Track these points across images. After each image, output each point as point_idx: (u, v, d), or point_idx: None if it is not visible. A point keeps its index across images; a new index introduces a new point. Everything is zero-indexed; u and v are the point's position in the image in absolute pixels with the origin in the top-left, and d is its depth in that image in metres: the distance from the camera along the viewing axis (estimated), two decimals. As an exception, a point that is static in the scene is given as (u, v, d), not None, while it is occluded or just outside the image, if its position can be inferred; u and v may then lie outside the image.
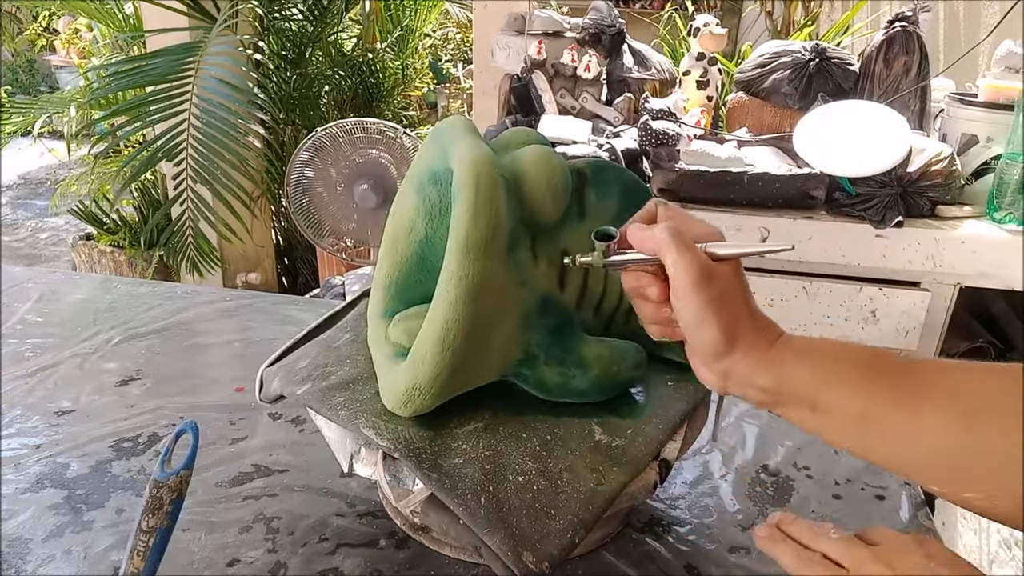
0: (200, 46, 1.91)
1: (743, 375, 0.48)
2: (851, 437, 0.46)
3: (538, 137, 0.64)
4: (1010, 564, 1.04)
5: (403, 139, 1.73)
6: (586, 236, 0.60)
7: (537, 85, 1.65)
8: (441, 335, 0.54)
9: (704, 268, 0.47)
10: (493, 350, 0.58)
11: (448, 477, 0.55)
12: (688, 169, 1.44)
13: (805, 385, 0.47)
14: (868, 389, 0.45)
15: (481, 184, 0.54)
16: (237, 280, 2.53)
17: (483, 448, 0.57)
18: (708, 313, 0.47)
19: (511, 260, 0.56)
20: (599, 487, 0.55)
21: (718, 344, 0.48)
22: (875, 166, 1.38)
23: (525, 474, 0.55)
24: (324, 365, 0.65)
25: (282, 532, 0.65)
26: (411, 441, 0.57)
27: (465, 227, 0.53)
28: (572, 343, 0.60)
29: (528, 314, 0.58)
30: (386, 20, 3.04)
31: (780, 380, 0.47)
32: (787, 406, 0.48)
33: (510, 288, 0.57)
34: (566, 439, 0.59)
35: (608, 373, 0.61)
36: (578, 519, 0.53)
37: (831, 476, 0.75)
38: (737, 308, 0.49)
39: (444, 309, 0.54)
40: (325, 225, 1.84)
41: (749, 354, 0.48)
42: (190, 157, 1.83)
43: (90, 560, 0.61)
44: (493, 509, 0.53)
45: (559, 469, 0.56)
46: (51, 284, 1.14)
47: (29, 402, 0.83)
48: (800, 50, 1.65)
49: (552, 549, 0.51)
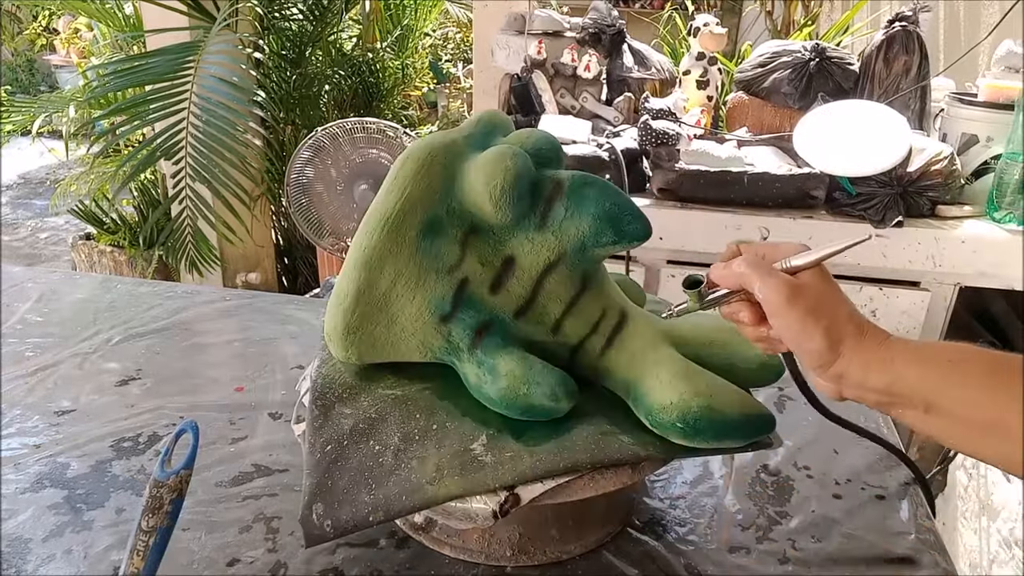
0: (200, 45, 1.91)
1: (855, 377, 0.50)
2: (972, 440, 0.47)
3: (538, 138, 0.63)
4: (1010, 564, 1.04)
5: (403, 139, 1.73)
6: (540, 247, 0.60)
7: (537, 85, 1.65)
8: (338, 295, 0.60)
9: (791, 285, 0.50)
10: (405, 327, 0.60)
11: (325, 419, 0.59)
12: (688, 169, 1.44)
13: (919, 387, 0.48)
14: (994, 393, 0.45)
15: (404, 167, 0.59)
16: (237, 280, 2.53)
17: (374, 412, 0.60)
18: (807, 324, 0.49)
19: (425, 245, 0.59)
20: (429, 486, 0.54)
21: (823, 351, 0.50)
22: (875, 166, 1.38)
23: (384, 446, 0.57)
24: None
25: (282, 532, 0.65)
26: (330, 383, 0.62)
27: (376, 203, 0.60)
28: (492, 349, 0.59)
29: (440, 302, 0.59)
30: (386, 20, 3.04)
31: (892, 380, 0.48)
32: (901, 407, 0.49)
33: (419, 272, 0.59)
34: (447, 434, 0.58)
35: (515, 391, 0.57)
36: (389, 503, 0.53)
37: (831, 476, 0.75)
38: (834, 312, 0.50)
39: (344, 272, 0.60)
40: (325, 225, 1.84)
41: (857, 355, 0.49)
42: (189, 156, 1.83)
43: (90, 560, 0.61)
44: (330, 460, 0.56)
45: (413, 456, 0.56)
46: (51, 284, 1.14)
47: (29, 402, 0.83)
48: (800, 50, 1.65)
49: (343, 515, 0.52)
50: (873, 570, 0.64)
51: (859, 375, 0.49)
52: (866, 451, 0.79)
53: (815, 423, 0.83)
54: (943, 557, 0.65)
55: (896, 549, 0.66)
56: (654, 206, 1.45)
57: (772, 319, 0.51)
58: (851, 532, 0.68)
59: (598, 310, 0.62)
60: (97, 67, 2.92)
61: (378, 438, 0.58)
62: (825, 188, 1.43)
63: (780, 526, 0.68)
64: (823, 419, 0.67)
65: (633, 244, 0.61)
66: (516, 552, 0.62)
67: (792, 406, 0.88)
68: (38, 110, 2.65)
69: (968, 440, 0.47)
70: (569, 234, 0.60)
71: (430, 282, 0.59)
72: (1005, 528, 1.06)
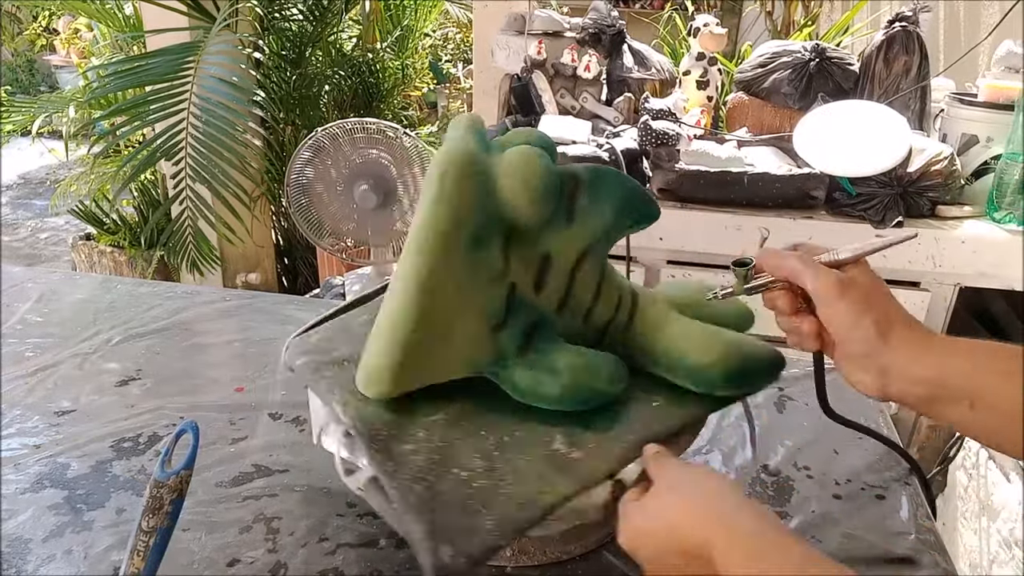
0: (200, 46, 1.91)
1: (902, 367, 0.51)
2: (1017, 436, 0.47)
3: (539, 138, 0.63)
4: (1010, 564, 1.04)
5: (403, 139, 1.73)
6: (571, 241, 0.61)
7: (537, 85, 1.65)
8: (391, 326, 0.56)
9: (841, 278, 0.53)
10: (457, 345, 0.58)
11: (393, 461, 0.55)
12: (688, 169, 1.44)
13: (969, 379, 0.49)
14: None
15: (446, 179, 0.55)
16: (237, 280, 2.53)
17: (438, 439, 0.57)
18: (857, 312, 0.52)
19: (476, 257, 0.56)
20: (541, 495, 0.53)
21: (872, 339, 0.51)
22: (875, 166, 1.38)
23: (470, 470, 0.55)
24: (330, 339, 0.67)
25: (282, 532, 0.65)
26: (371, 421, 0.57)
27: (424, 221, 0.55)
28: (546, 348, 0.59)
29: (494, 313, 0.58)
30: (386, 20, 3.04)
31: (941, 370, 0.50)
32: (946, 402, 0.50)
33: (474, 285, 0.57)
34: (523, 443, 0.57)
35: (578, 383, 0.59)
36: (509, 522, 0.51)
37: (831, 476, 0.75)
38: (884, 304, 0.53)
39: (396, 300, 0.56)
40: (325, 225, 1.84)
41: (906, 345, 0.51)
42: (189, 156, 1.83)
43: (90, 560, 0.61)
44: (427, 498, 0.52)
45: (506, 471, 0.55)
46: (51, 284, 1.14)
47: (29, 402, 0.83)
48: (800, 50, 1.65)
49: (473, 548, 0.50)
50: (873, 570, 0.64)
51: (905, 366, 0.51)
52: (866, 451, 0.79)
53: (815, 423, 0.83)
54: (943, 557, 0.65)
55: (896, 549, 0.66)
56: (654, 206, 1.45)
57: (824, 309, 0.53)
58: (851, 532, 0.68)
59: (616, 292, 0.64)
60: (97, 67, 2.92)
61: (459, 464, 0.55)
62: (825, 188, 1.43)
63: (780, 526, 0.68)
64: (823, 419, 0.68)
65: (646, 225, 0.64)
66: (516, 552, 0.62)
67: (792, 406, 0.88)
68: (38, 110, 2.65)
69: (1013, 436, 0.48)
70: (595, 224, 0.62)
71: (483, 292, 0.58)
72: (1005, 528, 1.06)
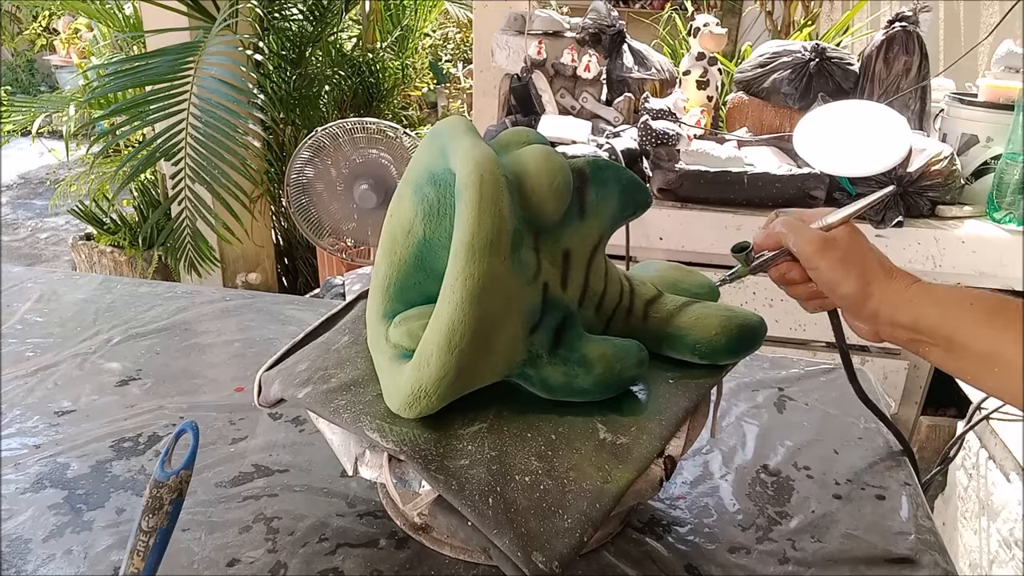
0: (199, 46, 1.91)
1: (887, 315, 0.56)
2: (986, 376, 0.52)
3: (537, 137, 0.64)
4: (1010, 564, 1.04)
5: (403, 139, 1.73)
6: (586, 234, 0.63)
7: (537, 85, 1.65)
8: (447, 337, 0.54)
9: (821, 237, 0.57)
10: (498, 351, 0.57)
11: (455, 479, 0.54)
12: (688, 169, 1.44)
13: (940, 325, 0.53)
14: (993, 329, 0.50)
15: (485, 184, 0.53)
16: (237, 280, 2.53)
17: (488, 449, 0.57)
18: (839, 270, 0.56)
19: (515, 260, 0.56)
20: (606, 485, 0.55)
21: (856, 293, 0.56)
22: (875, 166, 1.38)
23: (531, 474, 0.55)
24: (324, 368, 0.65)
25: (282, 532, 0.65)
26: (416, 443, 0.56)
27: (470, 228, 0.53)
28: (575, 342, 0.60)
29: (532, 313, 0.58)
30: (386, 20, 3.04)
31: (916, 319, 0.54)
32: (927, 345, 0.55)
33: (515, 288, 0.56)
34: (571, 438, 0.59)
35: (611, 371, 0.60)
36: (586, 517, 0.53)
37: (831, 476, 0.75)
38: (864, 259, 0.57)
39: (450, 311, 0.53)
40: (325, 225, 1.84)
41: (887, 295, 0.56)
42: (188, 156, 1.83)
43: (90, 560, 0.61)
44: (501, 510, 0.53)
45: (565, 468, 0.56)
46: (51, 284, 1.14)
47: (29, 402, 0.83)
48: (800, 50, 1.65)
49: (562, 548, 0.51)
50: (873, 570, 0.64)
51: (889, 313, 0.55)
52: (866, 451, 0.79)
53: (815, 423, 0.83)
54: (943, 557, 0.65)
55: (896, 549, 0.66)
56: (654, 206, 1.44)
57: (808, 269, 0.58)
58: (851, 532, 0.68)
59: (619, 279, 0.67)
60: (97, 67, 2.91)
61: (519, 469, 0.56)
62: (825, 188, 1.43)
63: (780, 526, 0.68)
64: (823, 419, 0.68)
65: (640, 213, 0.68)
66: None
67: (792, 406, 0.88)
68: (38, 110, 2.65)
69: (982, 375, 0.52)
70: (604, 215, 0.64)
71: (524, 295, 0.57)
72: (1005, 528, 1.06)
